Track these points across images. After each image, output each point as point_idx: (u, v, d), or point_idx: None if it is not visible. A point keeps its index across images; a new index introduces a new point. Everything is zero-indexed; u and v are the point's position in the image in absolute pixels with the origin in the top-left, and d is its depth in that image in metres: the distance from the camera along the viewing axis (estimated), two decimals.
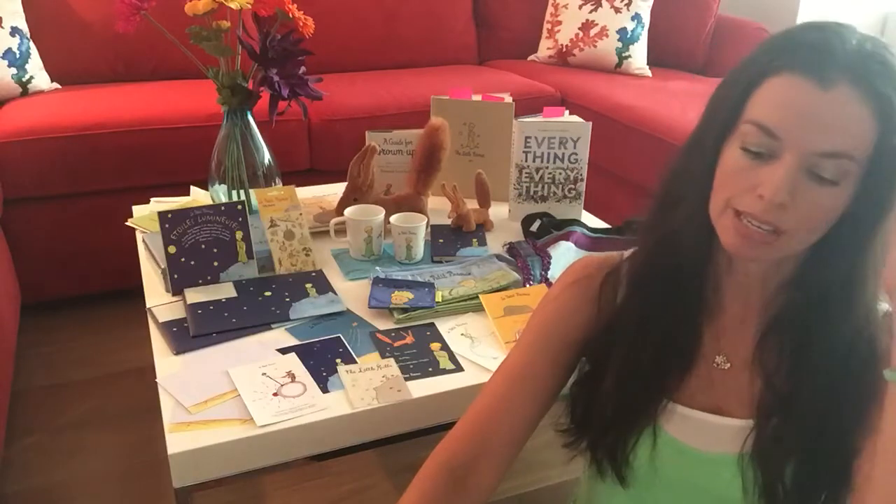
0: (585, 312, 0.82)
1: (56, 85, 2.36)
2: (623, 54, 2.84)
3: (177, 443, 0.93)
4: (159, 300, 1.26)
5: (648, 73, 2.85)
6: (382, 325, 1.20)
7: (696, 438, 0.77)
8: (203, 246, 1.28)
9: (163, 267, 1.30)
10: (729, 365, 0.78)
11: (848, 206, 0.66)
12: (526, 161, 1.59)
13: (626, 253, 0.84)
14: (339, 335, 1.16)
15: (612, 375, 0.79)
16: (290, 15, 1.43)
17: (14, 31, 2.21)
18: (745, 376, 0.77)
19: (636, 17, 2.83)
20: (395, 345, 1.15)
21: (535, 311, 0.87)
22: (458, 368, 1.10)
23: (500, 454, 0.80)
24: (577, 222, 1.54)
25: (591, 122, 1.57)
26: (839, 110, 0.62)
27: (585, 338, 0.83)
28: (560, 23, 2.94)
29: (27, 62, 2.24)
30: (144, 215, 1.60)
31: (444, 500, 0.77)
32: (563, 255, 1.41)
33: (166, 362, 1.10)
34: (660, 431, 0.78)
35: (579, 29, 2.88)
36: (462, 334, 1.19)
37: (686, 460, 0.77)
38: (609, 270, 0.83)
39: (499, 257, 1.41)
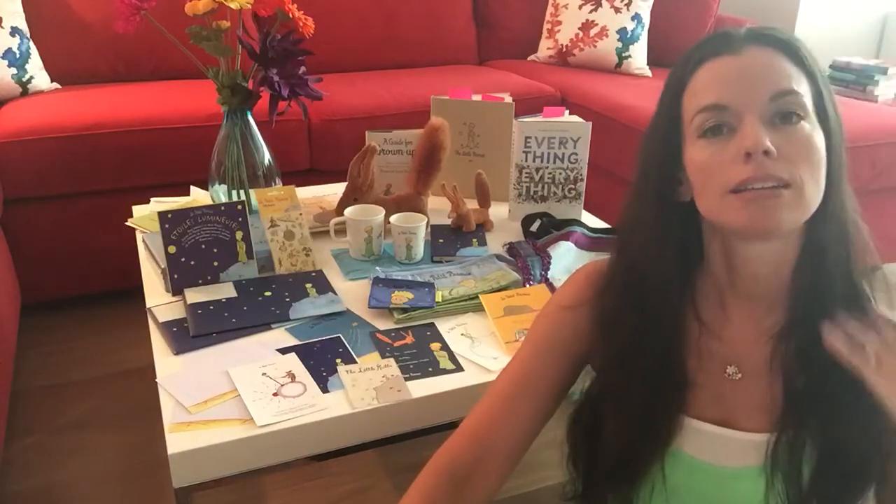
0: (585, 326, 0.82)
1: (56, 85, 2.36)
2: (623, 54, 2.84)
3: (177, 443, 0.93)
4: (159, 300, 1.26)
5: (648, 73, 2.85)
6: (382, 325, 1.20)
7: (711, 453, 0.76)
8: (203, 246, 1.28)
9: (163, 267, 1.30)
10: (741, 375, 0.76)
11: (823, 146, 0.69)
12: (526, 161, 1.59)
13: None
14: (339, 335, 1.16)
15: (613, 402, 0.78)
16: (290, 15, 1.43)
17: (14, 31, 2.21)
18: (758, 385, 0.75)
19: (636, 17, 2.83)
20: (395, 345, 1.15)
21: (538, 318, 0.87)
22: (458, 368, 1.10)
23: (502, 459, 0.80)
24: (577, 222, 1.54)
25: (591, 122, 1.57)
26: (758, 61, 0.69)
27: (589, 350, 0.82)
28: (560, 23, 2.94)
29: (27, 62, 2.24)
30: (144, 215, 1.60)
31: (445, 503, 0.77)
32: (563, 255, 1.41)
33: (166, 362, 1.10)
34: (672, 449, 0.76)
35: (579, 29, 2.88)
36: (462, 334, 1.19)
37: (700, 476, 0.76)
38: (603, 288, 0.82)
39: (499, 257, 1.41)
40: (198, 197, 1.70)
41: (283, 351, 1.12)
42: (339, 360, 1.10)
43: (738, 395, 0.76)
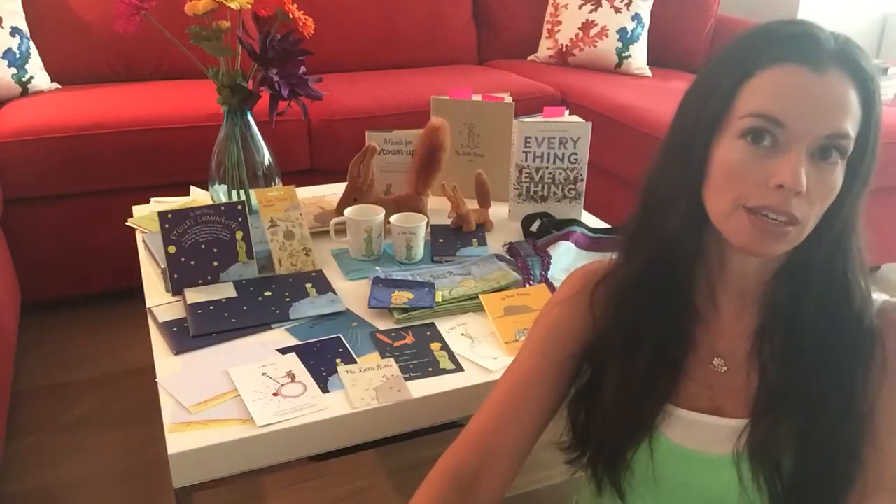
0: (582, 323, 0.82)
1: (56, 85, 2.36)
2: (623, 54, 2.84)
3: (177, 443, 0.93)
4: (159, 300, 1.26)
5: (648, 73, 2.85)
6: (382, 325, 1.20)
7: (695, 441, 0.77)
8: (203, 246, 1.28)
9: (163, 267, 1.30)
10: (726, 368, 0.78)
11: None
12: (526, 161, 1.59)
13: (614, 257, 0.84)
14: (339, 335, 1.16)
15: (610, 386, 0.79)
16: (290, 15, 1.43)
17: (14, 31, 2.21)
18: (742, 376, 0.77)
19: (636, 17, 2.83)
20: (395, 345, 1.15)
21: (537, 319, 0.87)
22: (458, 368, 1.10)
23: (508, 460, 0.80)
24: (577, 222, 1.54)
25: (591, 122, 1.57)
26: (835, 92, 0.64)
27: (584, 347, 0.83)
28: (560, 23, 2.94)
29: (27, 62, 2.24)
30: (144, 215, 1.60)
31: None
32: (563, 255, 1.41)
33: (166, 362, 1.10)
34: (659, 436, 0.78)
35: (579, 29, 2.88)
36: (462, 334, 1.19)
37: (684, 463, 0.77)
38: (600, 279, 0.83)
39: (499, 257, 1.41)
40: (198, 197, 1.70)
41: (283, 351, 1.12)
42: (339, 360, 1.10)
43: (724, 387, 0.77)
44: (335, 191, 1.71)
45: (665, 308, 0.77)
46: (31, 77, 2.25)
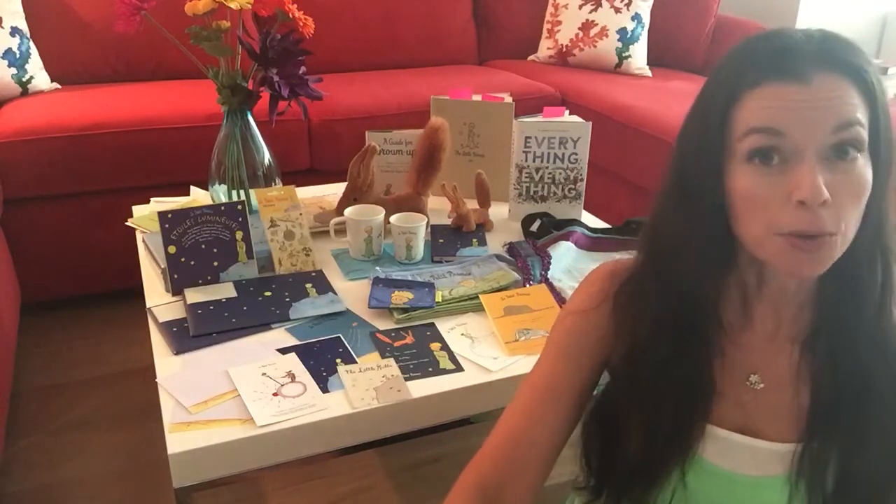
0: (605, 329, 0.79)
1: (56, 85, 2.36)
2: (623, 54, 2.84)
3: (177, 443, 0.93)
4: (159, 300, 1.26)
5: (648, 73, 2.85)
6: (382, 325, 1.20)
7: (732, 461, 0.74)
8: (203, 246, 1.28)
9: (163, 267, 1.30)
10: (762, 385, 0.74)
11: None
12: (526, 161, 1.59)
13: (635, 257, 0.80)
14: (339, 335, 1.16)
15: (635, 417, 0.75)
16: (290, 15, 1.43)
17: (14, 31, 2.21)
18: (781, 395, 0.73)
19: (636, 17, 2.83)
20: (395, 345, 1.15)
21: (556, 324, 0.83)
22: (458, 368, 1.10)
23: (533, 473, 0.77)
24: (577, 222, 1.54)
25: (591, 122, 1.57)
26: (826, 95, 0.62)
27: (608, 355, 0.79)
28: (560, 23, 2.94)
29: (27, 62, 2.24)
30: (144, 215, 1.60)
31: None
32: (563, 255, 1.41)
33: (166, 362, 1.10)
34: (694, 456, 0.75)
35: (579, 29, 2.88)
36: (462, 334, 1.19)
37: (720, 483, 0.75)
38: (621, 283, 0.79)
39: (499, 257, 1.41)
40: (198, 197, 1.70)
41: (283, 351, 1.12)
42: (339, 360, 1.10)
43: (760, 404, 0.74)
44: (335, 191, 1.71)
45: (683, 364, 0.73)
46: (31, 77, 2.25)
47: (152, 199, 1.70)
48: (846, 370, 0.70)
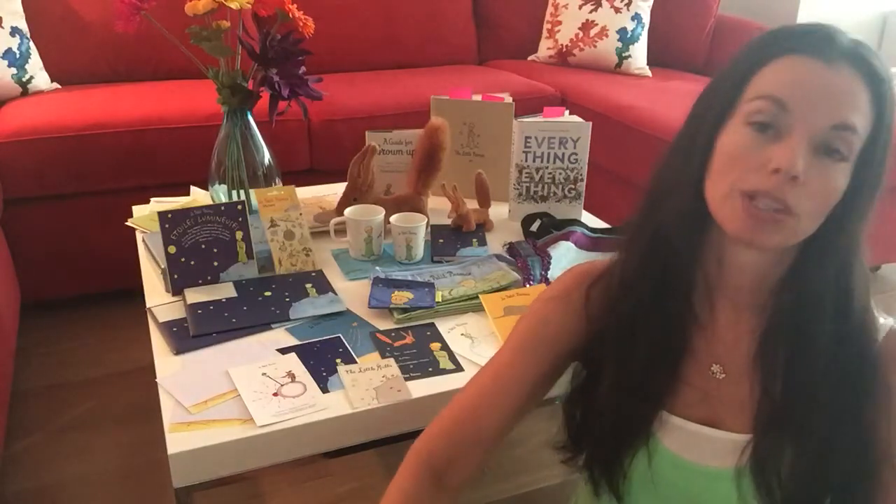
0: (573, 323, 0.81)
1: (56, 85, 2.36)
2: (623, 54, 2.84)
3: (177, 443, 0.93)
4: (159, 300, 1.26)
5: (648, 73, 2.85)
6: (382, 325, 1.20)
7: (693, 451, 0.76)
8: (203, 246, 1.28)
9: (163, 267, 1.30)
10: (724, 375, 0.77)
11: (845, 189, 0.67)
12: (526, 161, 1.59)
13: (613, 256, 0.83)
14: (339, 335, 1.16)
15: (605, 388, 0.78)
16: (290, 15, 1.43)
17: (14, 31, 2.21)
18: (741, 386, 0.75)
19: (636, 17, 2.83)
20: (395, 345, 1.15)
21: (524, 315, 0.86)
22: (458, 368, 1.10)
23: (481, 451, 0.81)
24: (577, 222, 1.54)
25: (591, 122, 1.57)
26: (843, 84, 0.64)
27: (575, 348, 0.82)
28: (560, 23, 2.94)
29: (27, 62, 2.24)
30: (144, 215, 1.60)
31: (427, 498, 0.78)
32: (563, 255, 1.41)
33: (166, 362, 1.10)
34: (657, 444, 0.77)
35: (579, 29, 2.88)
36: (462, 334, 1.19)
37: (683, 473, 0.77)
38: (594, 279, 0.82)
39: (499, 257, 1.41)
40: (198, 197, 1.70)
41: (283, 351, 1.12)
42: (339, 360, 1.10)
43: (723, 395, 0.76)
44: (335, 191, 1.71)
45: (661, 309, 0.76)
46: (31, 77, 2.25)
47: (152, 199, 1.70)
48: (797, 373, 0.72)
